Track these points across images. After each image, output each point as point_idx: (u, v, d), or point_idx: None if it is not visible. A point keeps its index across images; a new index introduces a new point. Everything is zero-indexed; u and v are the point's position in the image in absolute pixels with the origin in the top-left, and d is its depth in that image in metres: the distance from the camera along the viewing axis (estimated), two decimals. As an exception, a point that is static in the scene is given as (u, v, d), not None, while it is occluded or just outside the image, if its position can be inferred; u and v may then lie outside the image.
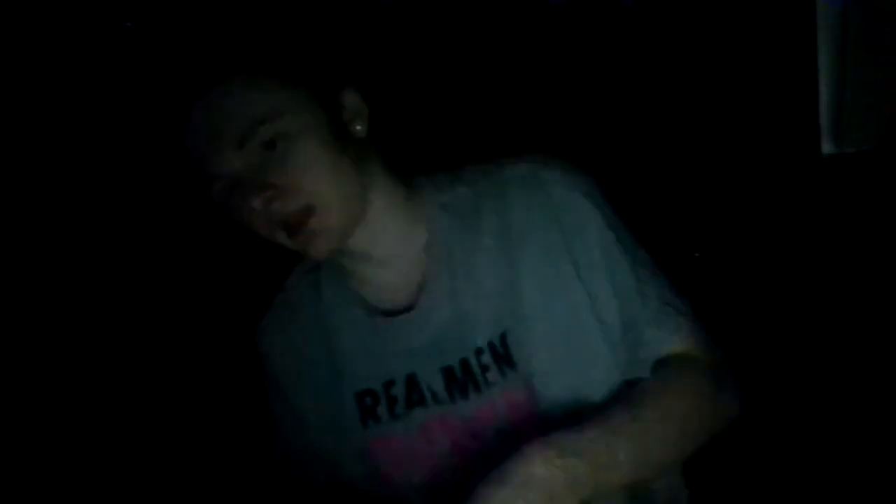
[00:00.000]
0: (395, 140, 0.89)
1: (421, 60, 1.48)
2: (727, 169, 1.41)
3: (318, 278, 0.94)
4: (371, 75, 0.87)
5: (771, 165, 1.36)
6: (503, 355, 0.83)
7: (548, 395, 0.81)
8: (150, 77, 0.87)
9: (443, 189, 0.89)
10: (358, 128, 0.83)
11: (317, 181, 0.78)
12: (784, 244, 1.39)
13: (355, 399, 0.89)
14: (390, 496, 0.89)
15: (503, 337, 0.83)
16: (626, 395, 0.80)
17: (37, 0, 1.45)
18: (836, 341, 1.21)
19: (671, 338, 0.83)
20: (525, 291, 0.82)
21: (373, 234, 0.85)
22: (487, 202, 0.86)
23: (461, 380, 0.84)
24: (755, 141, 1.39)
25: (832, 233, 1.30)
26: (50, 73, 1.55)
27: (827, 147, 1.30)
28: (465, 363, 0.84)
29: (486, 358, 0.83)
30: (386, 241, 0.87)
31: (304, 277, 0.96)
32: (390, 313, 0.88)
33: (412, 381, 0.86)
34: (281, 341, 0.95)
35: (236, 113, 0.77)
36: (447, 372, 0.85)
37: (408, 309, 0.87)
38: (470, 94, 1.50)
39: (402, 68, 1.44)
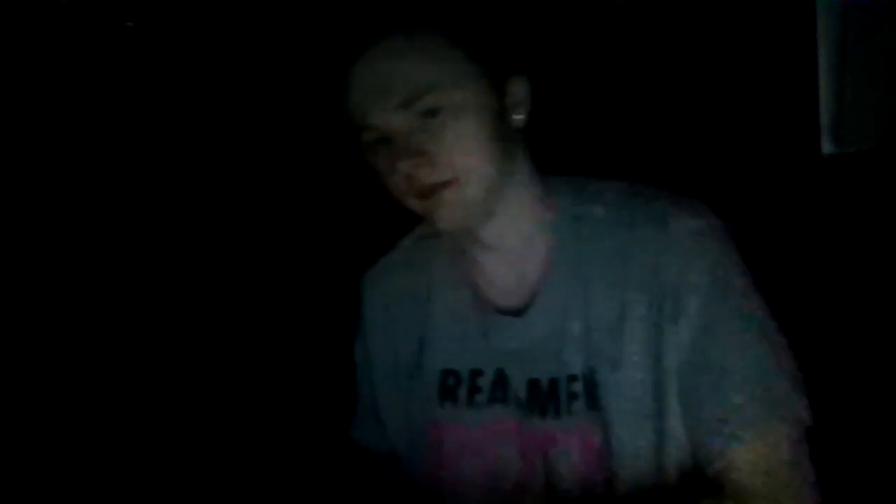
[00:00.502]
0: (541, 135, 0.88)
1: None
2: (727, 169, 1.40)
3: (435, 249, 0.93)
4: (541, 67, 0.87)
5: (771, 165, 1.36)
6: (593, 393, 0.80)
7: (622, 448, 0.78)
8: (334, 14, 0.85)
9: (579, 201, 0.86)
10: (517, 117, 0.83)
11: (467, 158, 0.78)
12: (784, 244, 1.38)
13: (440, 374, 0.88)
14: (442, 479, 0.88)
15: (594, 373, 0.80)
16: None
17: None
18: (836, 341, 1.21)
19: (727, 449, 0.74)
20: (625, 335, 0.79)
21: (501, 225, 0.84)
22: (616, 232, 0.83)
23: (544, 397, 0.82)
24: (755, 141, 1.39)
25: (832, 233, 1.29)
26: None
27: (827, 147, 1.30)
28: (553, 383, 0.82)
29: (577, 387, 0.81)
30: (512, 235, 0.85)
31: (421, 243, 0.96)
32: (497, 308, 0.87)
33: (501, 378, 0.85)
34: (380, 296, 0.95)
35: (410, 72, 0.76)
36: (533, 384, 0.83)
37: (517, 310, 0.85)
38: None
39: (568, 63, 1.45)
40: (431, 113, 0.76)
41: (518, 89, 0.83)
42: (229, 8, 1.63)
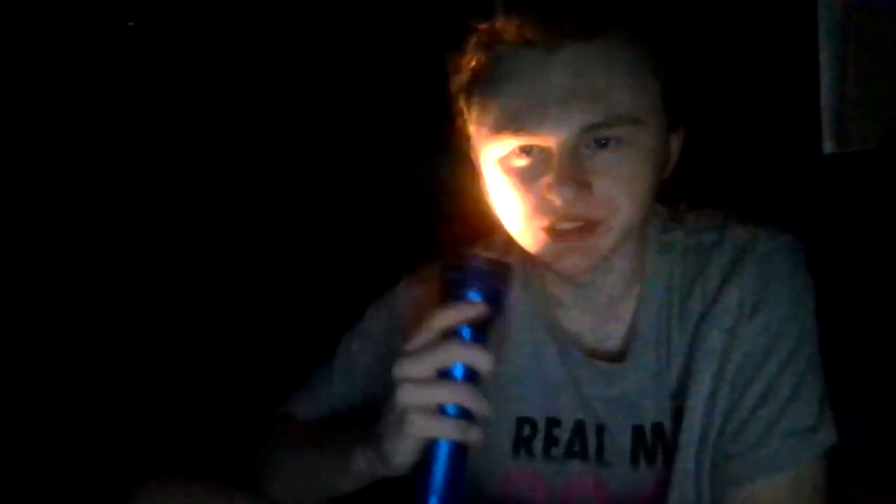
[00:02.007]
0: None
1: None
2: (727, 168, 1.40)
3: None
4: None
5: (771, 165, 1.36)
6: (676, 438, 0.74)
7: (681, 489, 0.72)
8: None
9: (666, 230, 0.81)
10: (666, 170, 0.77)
11: (625, 201, 0.70)
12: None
13: (515, 422, 0.81)
14: None
15: (679, 416, 0.74)
16: None
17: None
18: (835, 342, 1.20)
19: (748, 481, 0.70)
20: (699, 368, 0.73)
21: (605, 271, 0.77)
22: (696, 258, 0.78)
23: (650, 443, 0.76)
24: (756, 141, 1.38)
25: (833, 233, 1.29)
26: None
27: (828, 147, 1.29)
28: (658, 428, 0.77)
29: (670, 432, 0.76)
30: (614, 281, 0.79)
31: None
32: (591, 353, 0.80)
33: (579, 429, 0.79)
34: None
35: (605, 92, 0.66)
36: (637, 431, 0.77)
37: (614, 354, 0.79)
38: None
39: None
40: (604, 143, 0.68)
41: (677, 141, 0.77)
42: (230, 8, 1.63)
